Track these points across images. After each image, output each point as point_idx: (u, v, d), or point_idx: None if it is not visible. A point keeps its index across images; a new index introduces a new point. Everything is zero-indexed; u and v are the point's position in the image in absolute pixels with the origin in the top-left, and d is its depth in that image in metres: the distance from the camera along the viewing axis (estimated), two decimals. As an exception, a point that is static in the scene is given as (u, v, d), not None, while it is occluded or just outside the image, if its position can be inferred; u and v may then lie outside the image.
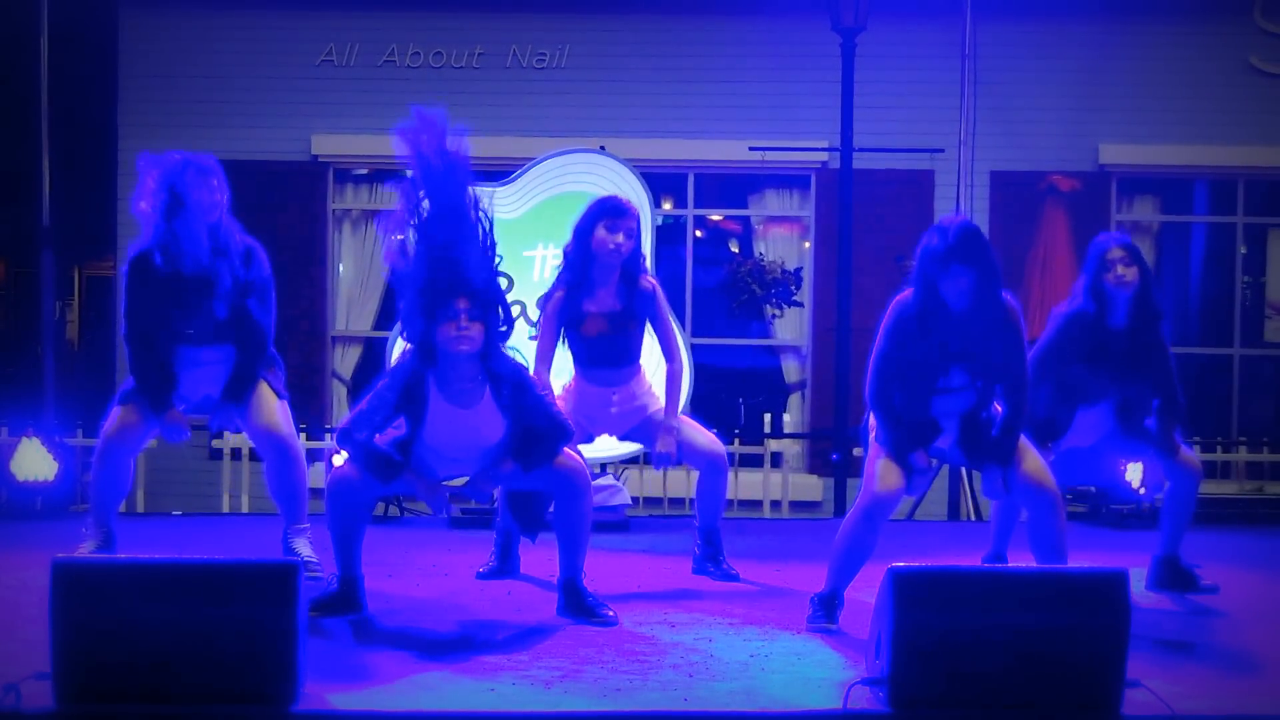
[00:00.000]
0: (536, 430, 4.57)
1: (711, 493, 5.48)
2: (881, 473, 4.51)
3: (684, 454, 5.44)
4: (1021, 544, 5.37)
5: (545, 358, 5.30)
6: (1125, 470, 6.89)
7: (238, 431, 5.43)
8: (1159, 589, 5.30)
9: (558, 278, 5.38)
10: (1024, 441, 4.58)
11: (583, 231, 5.28)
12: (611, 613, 4.66)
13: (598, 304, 5.31)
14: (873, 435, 4.68)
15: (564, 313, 5.30)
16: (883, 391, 4.56)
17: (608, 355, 5.35)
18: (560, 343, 5.35)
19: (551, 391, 5.10)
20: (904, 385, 4.54)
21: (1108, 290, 5.05)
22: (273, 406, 5.24)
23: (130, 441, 5.24)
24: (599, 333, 5.31)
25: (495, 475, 4.63)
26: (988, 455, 4.57)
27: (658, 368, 5.56)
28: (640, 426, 5.45)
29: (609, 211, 5.26)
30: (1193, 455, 5.29)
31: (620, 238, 5.24)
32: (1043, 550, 4.54)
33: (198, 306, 5.13)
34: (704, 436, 5.46)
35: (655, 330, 5.42)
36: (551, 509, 4.75)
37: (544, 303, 5.37)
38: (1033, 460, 4.55)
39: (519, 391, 4.56)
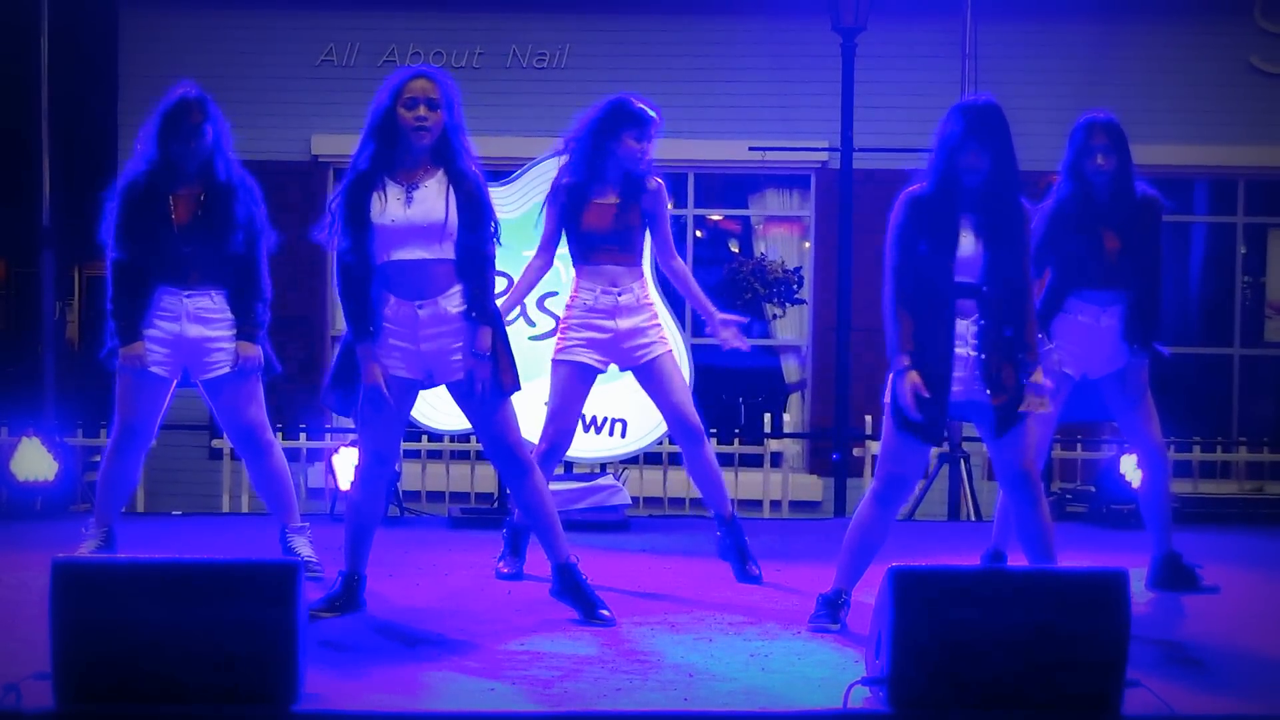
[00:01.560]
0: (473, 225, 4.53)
1: (699, 468, 5.42)
2: (895, 453, 4.48)
3: (662, 406, 5.41)
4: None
5: (547, 246, 5.39)
6: (1122, 463, 6.94)
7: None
8: (1159, 588, 5.30)
9: (562, 169, 5.40)
10: (1031, 429, 4.48)
11: (603, 134, 5.28)
12: (608, 612, 4.64)
13: (602, 196, 5.33)
14: (886, 417, 4.58)
15: (570, 198, 5.32)
16: (902, 291, 4.40)
17: (609, 244, 5.31)
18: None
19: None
20: (922, 285, 4.38)
21: (1088, 173, 5.11)
22: (251, 402, 5.20)
23: (140, 432, 5.20)
24: (601, 225, 5.31)
25: (479, 360, 4.51)
26: (1004, 356, 4.38)
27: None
28: (648, 369, 5.38)
29: (635, 122, 5.28)
30: (1162, 443, 5.30)
31: (649, 146, 5.31)
32: (1030, 545, 4.51)
33: (175, 237, 5.07)
34: (683, 389, 5.43)
35: (654, 230, 5.41)
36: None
37: (550, 195, 5.40)
38: (1032, 454, 4.51)
39: (473, 191, 4.54)
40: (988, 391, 4.40)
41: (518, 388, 4.66)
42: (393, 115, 4.51)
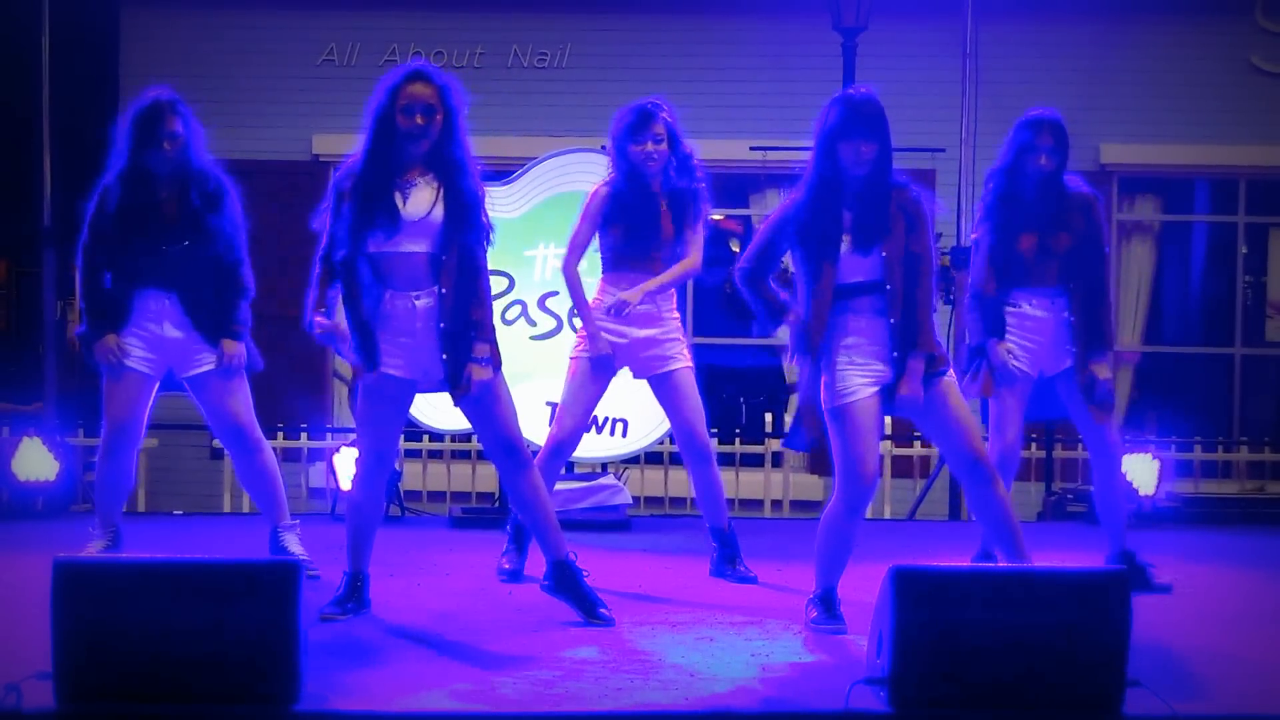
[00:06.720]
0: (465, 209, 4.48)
1: (703, 486, 5.44)
2: (863, 456, 4.34)
3: (674, 421, 5.42)
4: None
5: (578, 248, 5.37)
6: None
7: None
8: None
9: (608, 179, 5.44)
10: (965, 415, 4.42)
11: (618, 148, 5.37)
12: (607, 611, 4.63)
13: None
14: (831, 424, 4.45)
15: (604, 206, 5.34)
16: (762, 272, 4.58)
17: (632, 253, 5.33)
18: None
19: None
20: (806, 260, 4.51)
21: (1028, 171, 5.29)
22: (236, 400, 5.21)
23: (129, 430, 5.21)
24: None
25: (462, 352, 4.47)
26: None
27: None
28: (662, 381, 5.39)
29: (633, 125, 5.33)
30: (1118, 442, 5.31)
31: (649, 145, 5.31)
32: (995, 535, 4.46)
33: (156, 240, 5.10)
34: (697, 409, 5.37)
35: (683, 234, 5.37)
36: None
37: (591, 196, 5.42)
38: (978, 439, 4.39)
39: (465, 194, 4.49)
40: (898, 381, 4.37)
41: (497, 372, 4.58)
42: (390, 119, 4.47)
